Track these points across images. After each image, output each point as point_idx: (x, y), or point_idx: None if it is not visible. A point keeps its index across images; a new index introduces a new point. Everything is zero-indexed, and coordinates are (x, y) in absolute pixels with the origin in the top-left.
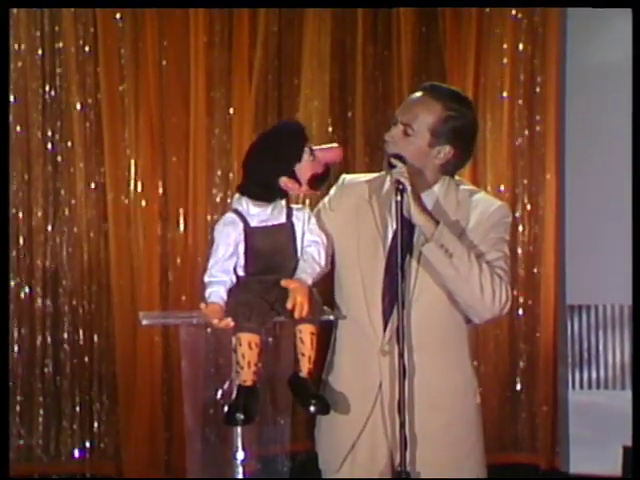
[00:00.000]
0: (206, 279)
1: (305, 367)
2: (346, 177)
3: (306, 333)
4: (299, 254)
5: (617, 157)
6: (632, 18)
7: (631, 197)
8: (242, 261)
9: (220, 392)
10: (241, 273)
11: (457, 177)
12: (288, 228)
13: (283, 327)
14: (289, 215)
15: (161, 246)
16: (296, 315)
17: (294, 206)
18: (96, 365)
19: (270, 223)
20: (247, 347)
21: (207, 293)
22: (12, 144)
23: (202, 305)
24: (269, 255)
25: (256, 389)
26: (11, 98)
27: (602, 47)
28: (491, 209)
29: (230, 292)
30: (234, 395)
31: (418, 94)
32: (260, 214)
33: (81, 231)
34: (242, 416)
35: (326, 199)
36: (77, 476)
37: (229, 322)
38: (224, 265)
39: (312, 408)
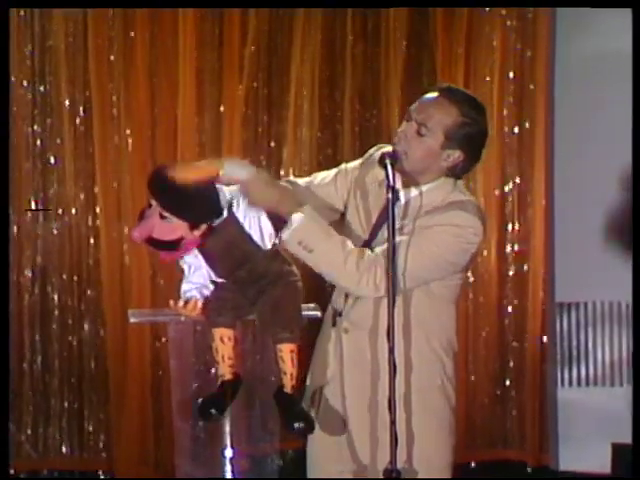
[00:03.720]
0: (183, 287)
1: (288, 384)
2: (378, 151)
3: (286, 352)
4: (258, 241)
5: (606, 154)
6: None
7: (623, 194)
8: (209, 269)
9: (198, 380)
10: (215, 278)
11: (461, 184)
12: (232, 220)
13: None
14: (229, 207)
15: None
16: None
17: (227, 193)
18: (86, 362)
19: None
20: (219, 341)
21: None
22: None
23: (171, 302)
24: (226, 253)
25: (236, 381)
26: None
27: (592, 44)
28: (448, 212)
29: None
30: (215, 389)
31: (435, 94)
32: None
33: (71, 227)
34: (214, 411)
35: (356, 163)
36: (66, 472)
37: (195, 303)
38: (192, 279)
39: (295, 427)
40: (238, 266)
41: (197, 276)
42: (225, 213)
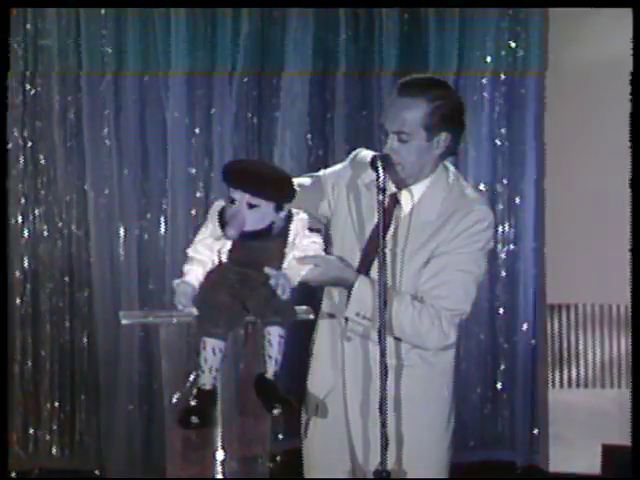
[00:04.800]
0: (190, 253)
1: (271, 369)
2: (360, 152)
3: (275, 336)
4: (285, 260)
5: (597, 156)
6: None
7: (611, 197)
8: (229, 246)
9: (176, 395)
10: (224, 259)
11: (452, 167)
12: (281, 229)
13: (260, 328)
14: (288, 219)
15: (141, 245)
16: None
17: (294, 211)
18: (77, 363)
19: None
20: (211, 352)
21: (186, 269)
22: None
23: (176, 281)
24: (256, 249)
25: (214, 393)
26: None
27: (585, 45)
28: (468, 215)
29: (207, 277)
30: (192, 397)
31: (396, 98)
32: None
33: (62, 229)
34: (197, 419)
35: (335, 169)
36: (57, 472)
37: (192, 311)
38: (212, 244)
39: (275, 411)
40: (253, 265)
41: (218, 243)
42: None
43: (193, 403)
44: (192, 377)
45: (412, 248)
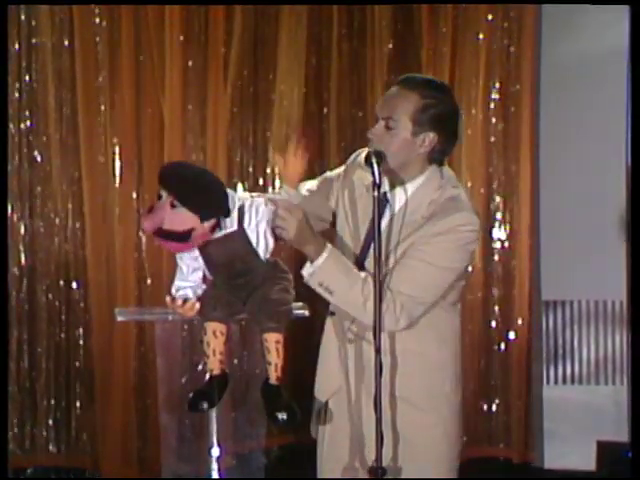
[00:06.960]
0: (173, 290)
1: (273, 375)
2: (360, 154)
3: (271, 342)
4: (261, 255)
5: (592, 152)
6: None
7: (606, 193)
8: (207, 271)
9: (185, 379)
10: (210, 277)
11: (447, 169)
12: (240, 234)
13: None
14: (240, 220)
15: (137, 241)
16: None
17: (246, 202)
18: (72, 360)
19: (222, 233)
20: (212, 335)
21: (177, 295)
22: None
23: (167, 298)
24: (228, 263)
25: (224, 377)
26: None
27: (578, 42)
28: (450, 216)
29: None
30: (204, 383)
31: (393, 88)
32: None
33: (57, 226)
34: (206, 404)
35: (339, 171)
36: (52, 469)
37: (193, 304)
38: (188, 278)
39: (278, 418)
40: (237, 276)
41: (194, 276)
42: (235, 226)
43: (202, 388)
44: (199, 368)
45: (393, 245)
